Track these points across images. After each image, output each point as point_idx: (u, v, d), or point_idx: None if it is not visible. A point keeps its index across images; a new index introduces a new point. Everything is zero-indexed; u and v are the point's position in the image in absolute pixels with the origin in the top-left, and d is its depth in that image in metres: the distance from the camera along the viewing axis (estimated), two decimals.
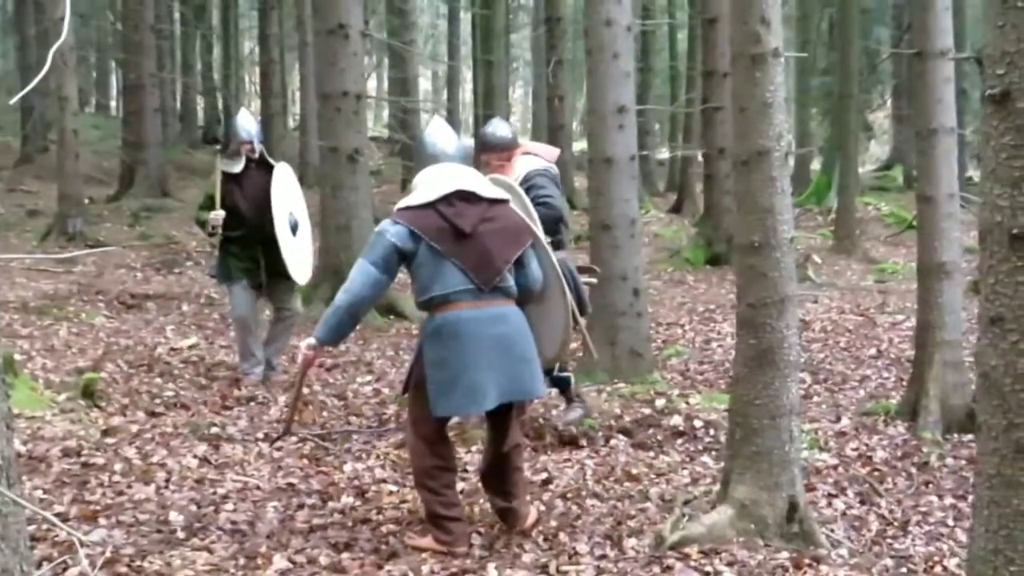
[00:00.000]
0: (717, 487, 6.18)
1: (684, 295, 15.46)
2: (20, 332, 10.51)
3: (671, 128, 36.96)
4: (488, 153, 7.67)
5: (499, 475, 5.79)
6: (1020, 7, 3.96)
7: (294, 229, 9.02)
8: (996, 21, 3.95)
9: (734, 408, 6.00)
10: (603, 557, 5.41)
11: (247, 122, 9.22)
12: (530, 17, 41.09)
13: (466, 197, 5.48)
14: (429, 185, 5.53)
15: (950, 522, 6.87)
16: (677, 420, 8.11)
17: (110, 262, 15.50)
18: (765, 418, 5.82)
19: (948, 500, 7.26)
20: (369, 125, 48.29)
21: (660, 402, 8.42)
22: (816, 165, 31.26)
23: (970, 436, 8.64)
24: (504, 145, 7.63)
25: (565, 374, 7.76)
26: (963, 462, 8.03)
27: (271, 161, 9.18)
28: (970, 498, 7.35)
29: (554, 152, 8.00)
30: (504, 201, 5.62)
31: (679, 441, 7.81)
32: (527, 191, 6.85)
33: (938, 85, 8.94)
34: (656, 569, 5.28)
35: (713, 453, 7.51)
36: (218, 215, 8.66)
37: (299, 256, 9.12)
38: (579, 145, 31.18)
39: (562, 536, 5.71)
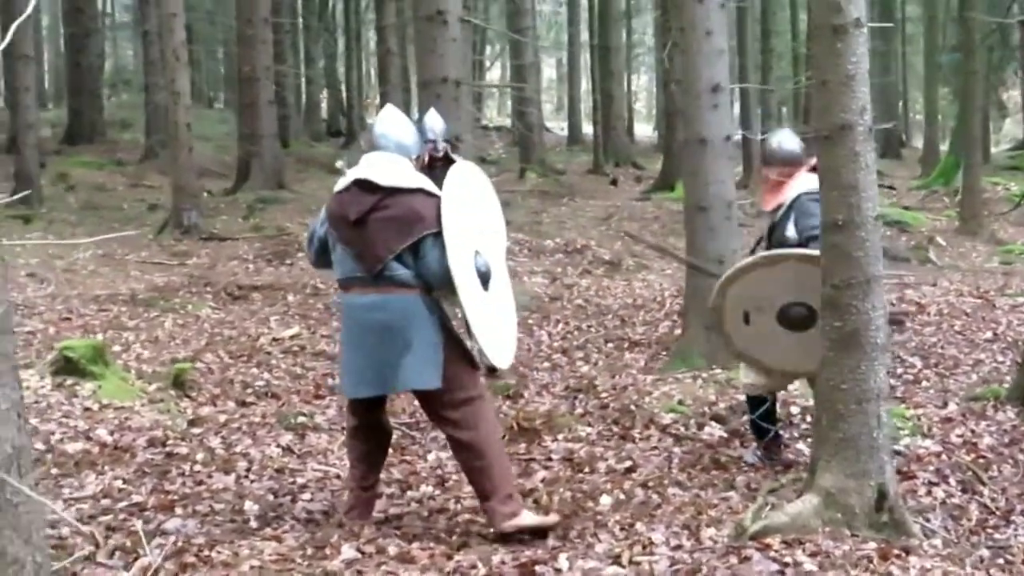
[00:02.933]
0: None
1: None
2: (127, 324, 10.70)
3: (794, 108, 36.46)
4: (769, 167, 7.05)
5: (463, 470, 5.75)
6: None
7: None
8: None
9: (820, 393, 5.82)
10: (678, 547, 5.27)
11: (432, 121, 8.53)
12: (652, 1, 40.76)
13: (363, 185, 5.54)
14: (349, 174, 5.68)
15: None
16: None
17: (223, 254, 15.72)
18: (852, 403, 5.63)
19: None
20: (494, 114, 48.32)
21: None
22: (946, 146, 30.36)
23: None
24: (788, 159, 6.92)
25: (766, 426, 6.94)
26: None
27: (454, 158, 6.02)
28: None
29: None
30: (409, 190, 5.52)
31: None
32: (796, 217, 6.69)
33: None
34: (733, 560, 5.11)
35: (808, 440, 7.29)
36: None
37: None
38: None
39: (639, 526, 5.58)
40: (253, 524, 5.59)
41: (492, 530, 5.50)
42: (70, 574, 4.84)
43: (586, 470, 6.68)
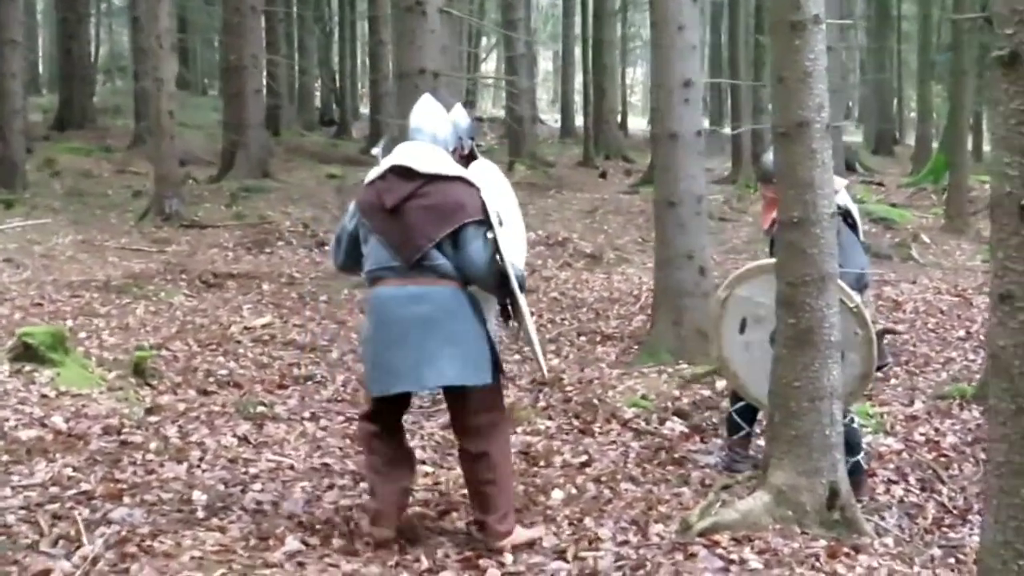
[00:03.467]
0: None
1: None
2: (98, 310, 10.63)
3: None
4: (765, 185, 6.85)
5: (468, 480, 5.44)
6: None
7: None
8: None
9: (774, 390, 5.77)
10: (625, 543, 5.23)
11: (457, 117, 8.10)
12: None
13: (401, 172, 5.25)
14: (384, 162, 5.41)
15: None
16: None
17: (203, 242, 15.63)
18: (805, 401, 5.61)
19: None
20: (488, 106, 48.19)
21: (721, 384, 8.13)
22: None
23: None
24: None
25: (742, 423, 6.78)
26: None
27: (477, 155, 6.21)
28: None
29: (839, 182, 6.54)
30: (449, 178, 5.25)
31: None
32: None
33: None
34: (679, 556, 5.08)
35: None
36: None
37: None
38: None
39: (587, 521, 5.54)
40: (200, 514, 5.51)
41: (485, 544, 5.26)
42: (11, 562, 4.81)
43: (541, 464, 6.63)
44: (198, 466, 6.26)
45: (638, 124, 46.69)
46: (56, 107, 29.18)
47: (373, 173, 5.41)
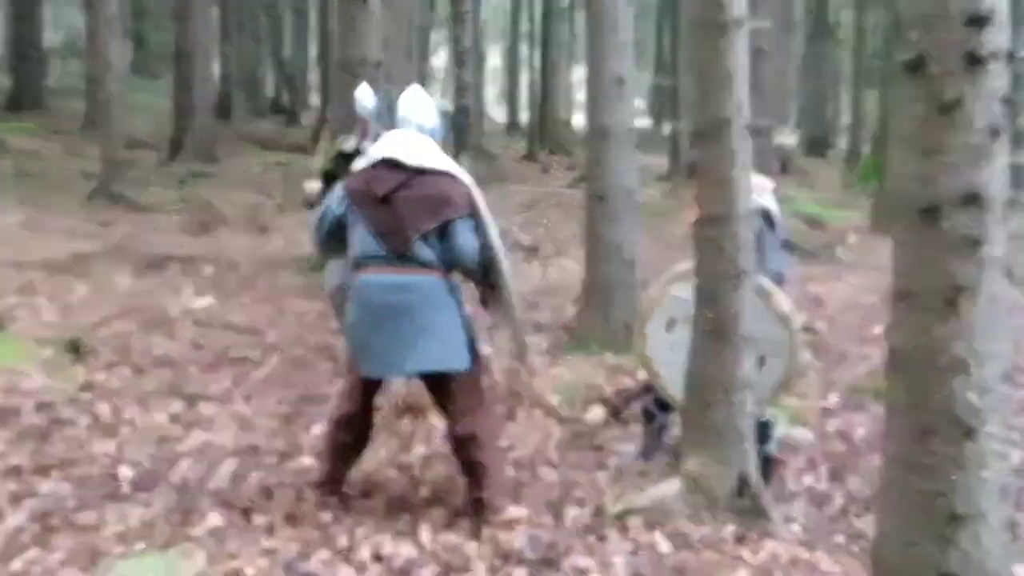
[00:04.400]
0: None
1: None
2: (38, 289, 10.49)
3: None
4: None
5: (459, 461, 5.55)
6: None
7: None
8: None
9: (689, 381, 5.81)
10: (539, 525, 5.26)
11: (364, 96, 8.31)
12: None
13: (390, 163, 5.36)
14: (372, 151, 5.49)
15: None
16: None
17: (147, 224, 15.47)
18: (718, 392, 5.64)
19: None
20: (438, 98, 47.95)
21: (644, 374, 8.16)
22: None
23: None
24: None
25: (658, 413, 6.76)
26: None
27: None
28: None
29: (766, 184, 6.74)
30: (436, 172, 5.37)
31: None
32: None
33: None
34: (591, 539, 5.13)
35: None
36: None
37: None
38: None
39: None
40: (125, 490, 5.51)
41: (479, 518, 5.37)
42: None
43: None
44: (128, 443, 6.23)
45: (583, 121, 46.54)
46: (8, 89, 28.77)
47: (363, 161, 5.53)
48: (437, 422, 7.02)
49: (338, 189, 5.59)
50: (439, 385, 5.43)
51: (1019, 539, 5.57)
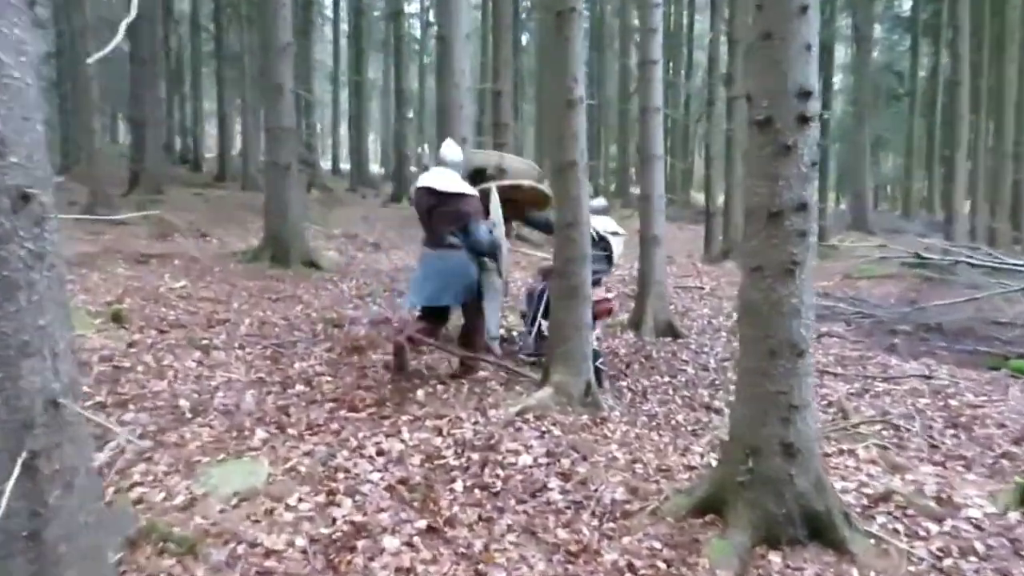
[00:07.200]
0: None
1: None
2: (67, 277, 9.08)
3: None
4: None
5: (464, 337, 5.99)
6: (777, 58, 3.45)
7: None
8: (758, 65, 3.44)
9: (552, 324, 5.46)
10: (477, 423, 4.77)
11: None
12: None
13: (426, 190, 5.67)
14: (422, 178, 5.75)
15: (670, 392, 6.51)
16: None
17: (126, 234, 13.79)
18: (572, 330, 5.33)
19: (666, 378, 6.90)
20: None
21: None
22: None
23: (669, 339, 8.33)
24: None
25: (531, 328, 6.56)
26: (669, 354, 7.69)
27: None
28: (679, 376, 7.02)
29: (598, 204, 6.55)
30: (459, 195, 5.62)
31: None
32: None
33: (650, 128, 8.55)
34: (511, 429, 4.68)
35: None
36: None
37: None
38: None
39: (446, 409, 5.03)
40: (188, 415, 4.69)
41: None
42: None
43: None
44: (175, 381, 5.35)
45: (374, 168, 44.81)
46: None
47: (418, 182, 5.76)
48: (374, 356, 6.39)
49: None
50: (463, 306, 5.86)
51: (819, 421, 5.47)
